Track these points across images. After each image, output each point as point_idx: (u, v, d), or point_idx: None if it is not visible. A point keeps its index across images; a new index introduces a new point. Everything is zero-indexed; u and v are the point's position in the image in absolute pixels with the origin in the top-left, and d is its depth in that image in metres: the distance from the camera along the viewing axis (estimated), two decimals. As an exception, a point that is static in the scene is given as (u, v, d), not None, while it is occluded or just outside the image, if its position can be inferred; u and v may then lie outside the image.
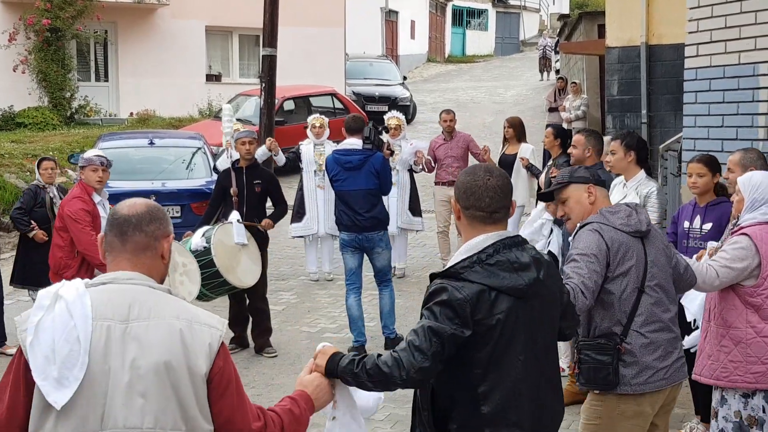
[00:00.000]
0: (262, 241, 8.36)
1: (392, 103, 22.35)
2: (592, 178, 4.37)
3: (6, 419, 2.64)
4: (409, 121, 21.94)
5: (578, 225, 4.32)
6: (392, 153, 9.88)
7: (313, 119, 11.00)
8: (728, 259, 4.67)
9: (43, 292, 2.71)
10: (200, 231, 7.93)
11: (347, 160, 8.13)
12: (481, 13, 44.26)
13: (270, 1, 13.10)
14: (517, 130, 10.53)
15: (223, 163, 9.44)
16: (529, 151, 10.39)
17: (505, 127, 10.69)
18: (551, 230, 7.07)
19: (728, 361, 4.74)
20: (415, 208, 10.82)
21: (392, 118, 10.86)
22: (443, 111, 11.22)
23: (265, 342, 8.33)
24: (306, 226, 10.73)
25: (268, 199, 8.66)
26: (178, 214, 11.15)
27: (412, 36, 37.15)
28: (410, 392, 3.44)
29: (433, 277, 3.24)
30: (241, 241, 7.95)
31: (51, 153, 16.28)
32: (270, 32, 13.11)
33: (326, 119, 11.14)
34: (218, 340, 2.74)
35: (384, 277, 8.37)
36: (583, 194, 4.33)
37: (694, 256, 5.43)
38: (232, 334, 8.32)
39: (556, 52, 30.01)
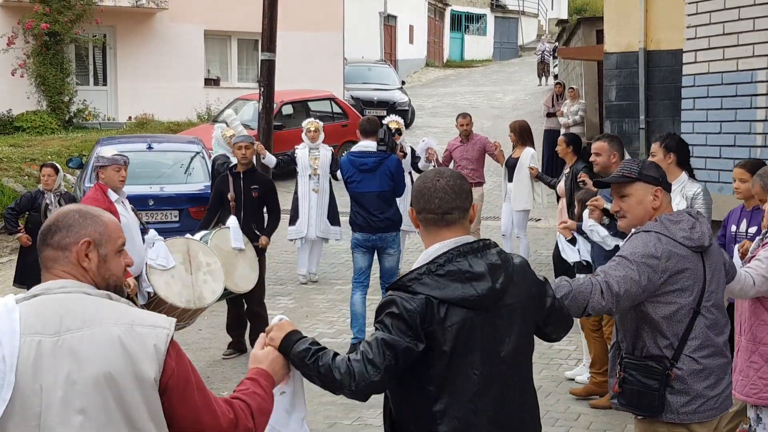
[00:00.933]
0: (259, 249, 8.37)
1: (391, 107, 22.36)
2: (661, 180, 3.94)
3: None
4: (407, 126, 21.93)
5: (633, 230, 3.95)
6: (405, 155, 9.91)
7: (308, 123, 11.08)
8: (764, 268, 4.49)
9: None
10: (197, 236, 7.93)
11: (362, 162, 8.21)
12: (479, 18, 44.30)
13: (269, 5, 13.09)
14: (518, 134, 10.61)
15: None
16: (529, 155, 10.47)
17: (509, 132, 10.77)
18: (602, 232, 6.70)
19: (758, 378, 4.64)
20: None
21: (392, 122, 10.92)
22: (459, 115, 11.40)
23: None
24: (298, 229, 10.80)
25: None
26: (177, 219, 11.15)
27: (411, 41, 37.17)
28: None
29: (387, 289, 3.11)
30: (238, 246, 7.94)
31: (49, 157, 16.29)
32: (269, 36, 13.10)
33: (321, 123, 11.24)
34: (165, 340, 2.54)
35: (390, 279, 8.42)
36: (648, 196, 3.89)
37: (736, 247, 5.39)
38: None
39: (555, 58, 30.05)
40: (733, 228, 5.97)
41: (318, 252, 11.22)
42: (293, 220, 10.82)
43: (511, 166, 10.57)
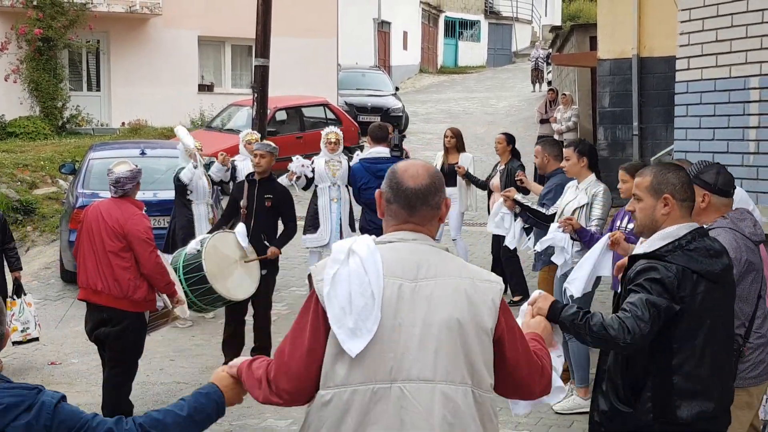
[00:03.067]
0: (271, 262, 8.12)
1: (384, 113, 22.34)
2: (712, 185, 4.45)
3: (304, 365, 2.80)
4: (401, 132, 21.91)
5: (705, 226, 4.41)
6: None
7: (247, 135, 10.69)
8: None
9: (337, 246, 2.88)
10: (200, 237, 7.80)
11: (380, 168, 8.24)
12: (473, 24, 44.36)
13: (263, 11, 13.09)
14: (459, 141, 10.84)
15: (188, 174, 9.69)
16: (468, 159, 10.68)
17: (447, 137, 10.87)
18: (512, 222, 7.78)
19: None
20: (352, 223, 10.66)
21: (331, 133, 10.73)
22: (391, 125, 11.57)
23: None
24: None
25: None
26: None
27: (405, 47, 37.20)
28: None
29: (633, 258, 3.65)
30: (245, 245, 7.76)
31: (42, 163, 16.25)
32: (262, 42, 13.09)
33: (258, 134, 10.89)
34: (499, 295, 2.89)
35: None
36: (697, 197, 4.39)
37: (606, 234, 6.10)
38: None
39: (548, 64, 30.09)
40: (618, 223, 6.51)
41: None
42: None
43: (453, 172, 10.64)
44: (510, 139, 9.93)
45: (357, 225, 10.50)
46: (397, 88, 25.95)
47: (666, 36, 11.77)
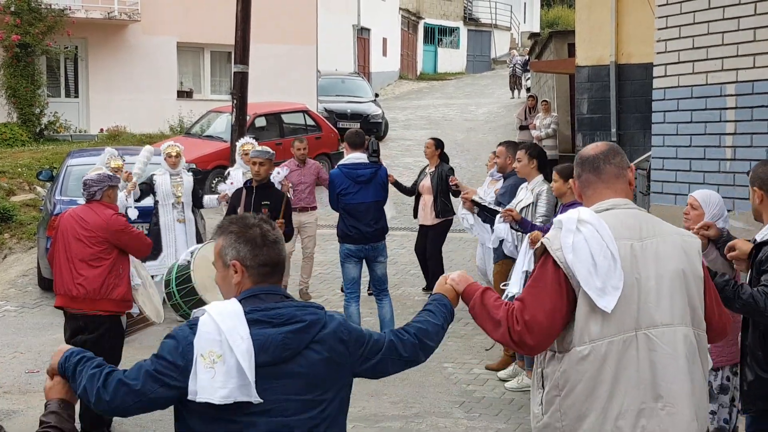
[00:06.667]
0: None
1: (364, 120, 22.34)
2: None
3: (547, 323, 3.14)
4: (380, 138, 21.94)
5: None
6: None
7: (169, 147, 10.06)
8: None
9: (565, 218, 3.24)
10: (192, 248, 7.72)
11: (359, 173, 8.33)
12: (452, 31, 44.47)
13: (242, 17, 13.09)
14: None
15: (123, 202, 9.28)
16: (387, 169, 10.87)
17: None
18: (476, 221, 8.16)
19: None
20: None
21: (247, 144, 10.32)
22: (296, 139, 11.42)
23: None
24: (162, 263, 9.52)
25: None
26: (147, 232, 11.01)
27: (384, 53, 37.23)
28: (377, 410, 3.42)
29: (759, 245, 4.17)
30: None
31: (19, 170, 16.14)
32: (242, 49, 13.09)
33: (182, 147, 10.26)
34: (700, 246, 3.37)
35: (382, 285, 8.61)
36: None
37: (527, 235, 6.83)
38: None
39: (527, 71, 30.19)
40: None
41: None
42: (155, 255, 9.38)
43: None
44: (438, 143, 10.38)
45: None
46: (376, 95, 25.97)
47: (643, 43, 11.85)
